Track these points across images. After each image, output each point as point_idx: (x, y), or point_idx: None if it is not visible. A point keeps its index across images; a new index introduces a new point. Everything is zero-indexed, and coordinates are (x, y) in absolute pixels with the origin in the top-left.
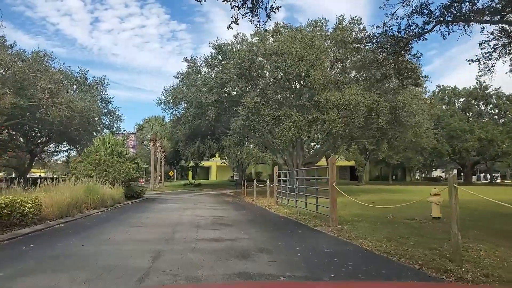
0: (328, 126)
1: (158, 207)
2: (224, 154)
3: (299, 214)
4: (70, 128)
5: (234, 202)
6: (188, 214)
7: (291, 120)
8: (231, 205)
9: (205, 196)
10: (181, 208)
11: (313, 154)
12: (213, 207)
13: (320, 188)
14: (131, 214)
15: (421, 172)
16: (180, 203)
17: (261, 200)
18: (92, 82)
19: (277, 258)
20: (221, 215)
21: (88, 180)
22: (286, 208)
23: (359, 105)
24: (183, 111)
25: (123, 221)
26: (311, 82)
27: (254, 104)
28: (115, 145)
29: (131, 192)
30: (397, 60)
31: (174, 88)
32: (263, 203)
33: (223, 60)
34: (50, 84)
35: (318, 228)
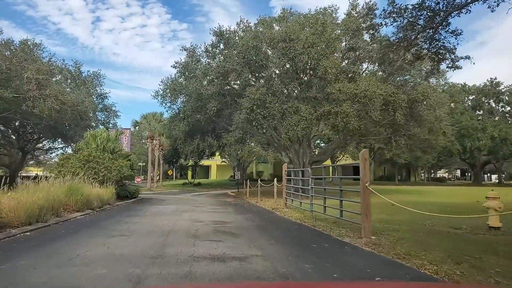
0: (341, 120)
1: (152, 209)
2: (224, 153)
3: (315, 220)
4: (61, 123)
5: (236, 203)
6: (185, 218)
7: (300, 114)
8: (233, 207)
9: (205, 197)
10: (177, 210)
11: (320, 152)
12: (213, 209)
13: (329, 188)
14: (119, 218)
15: (425, 172)
16: (177, 205)
17: (266, 201)
18: (87, 76)
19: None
20: (224, 219)
21: (73, 179)
22: (298, 211)
23: (376, 96)
24: (182, 105)
25: (106, 228)
26: (323, 71)
27: (259, 96)
28: (107, 141)
29: (124, 192)
30: (433, 37)
31: (172, 80)
32: (269, 205)
33: (225, 49)
34: (37, 74)
35: (346, 240)
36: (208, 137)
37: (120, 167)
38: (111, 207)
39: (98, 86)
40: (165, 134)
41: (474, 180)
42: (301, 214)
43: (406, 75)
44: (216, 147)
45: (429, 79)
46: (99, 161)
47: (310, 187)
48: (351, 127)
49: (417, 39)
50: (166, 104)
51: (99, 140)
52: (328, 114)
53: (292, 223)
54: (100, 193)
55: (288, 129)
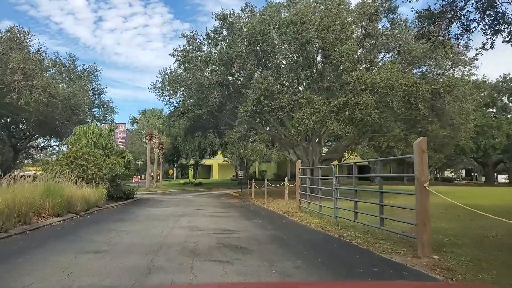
0: (359, 113)
1: (146, 212)
2: (227, 151)
3: (340, 228)
4: (51, 118)
5: (241, 205)
6: (183, 224)
7: (313, 105)
8: (238, 210)
9: (206, 197)
10: (175, 214)
11: (331, 149)
12: (216, 213)
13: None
14: (104, 224)
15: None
16: (176, 207)
17: (275, 203)
18: (83, 71)
19: None
20: (229, 227)
21: (56, 177)
22: (315, 216)
23: (398, 86)
24: (182, 98)
25: (82, 240)
26: (338, 57)
27: (267, 86)
28: (99, 136)
29: (118, 192)
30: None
31: (170, 71)
32: (279, 208)
33: (229, 35)
34: (23, 64)
35: (397, 259)
36: (210, 134)
37: (112, 165)
38: (100, 210)
39: (94, 81)
40: (165, 132)
41: (485, 180)
42: (320, 220)
43: (428, 64)
44: (218, 145)
45: (455, 68)
46: (89, 158)
47: (335, 188)
48: (371, 120)
49: (463, 9)
50: (165, 97)
51: (89, 135)
52: (345, 105)
53: (314, 233)
54: (87, 194)
55: (299, 123)
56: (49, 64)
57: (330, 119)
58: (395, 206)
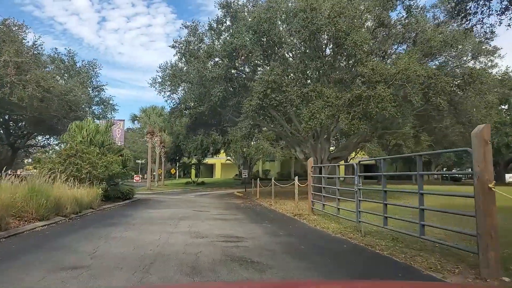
0: (375, 106)
1: (144, 215)
2: (230, 150)
3: (364, 235)
4: (47, 114)
5: (246, 206)
6: (183, 229)
7: (324, 99)
8: (244, 212)
9: (209, 197)
10: (175, 217)
11: (341, 147)
12: (220, 216)
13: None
14: (93, 230)
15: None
16: (177, 208)
17: (282, 204)
18: (82, 67)
19: None
20: (236, 233)
21: (45, 176)
22: (331, 219)
23: (417, 77)
24: (183, 93)
25: (61, 251)
26: (352, 46)
27: (274, 78)
28: (95, 133)
29: (115, 192)
30: None
31: (171, 66)
32: (288, 210)
33: (233, 24)
34: (16, 57)
35: (456, 280)
36: (213, 132)
37: (108, 163)
38: (93, 212)
39: (94, 78)
40: (167, 130)
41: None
42: (338, 225)
43: (446, 55)
44: (221, 144)
45: (477, 58)
46: (83, 156)
47: (357, 188)
48: (387, 114)
49: None
50: (165, 93)
51: (85, 132)
52: (358, 99)
53: (335, 241)
54: (79, 194)
55: (308, 118)
56: (47, 60)
57: (343, 113)
58: (442, 211)
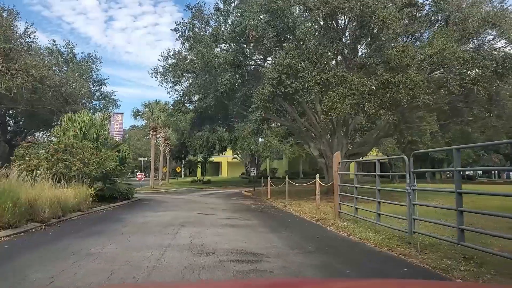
0: (405, 94)
1: (139, 219)
2: (237, 147)
3: (421, 250)
4: (41, 107)
5: (258, 208)
6: (183, 242)
7: (348, 85)
8: (257, 216)
9: (216, 197)
10: (176, 222)
11: (360, 142)
12: (229, 221)
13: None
14: (67, 242)
15: None
16: (179, 210)
17: (298, 205)
18: (82, 59)
19: None
20: (252, 247)
21: (17, 174)
22: (367, 227)
23: (455, 60)
24: (187, 84)
25: (4, 279)
26: (379, 25)
27: (290, 62)
28: (90, 126)
29: (112, 191)
30: None
31: (174, 53)
32: (307, 213)
33: (242, 4)
34: (4, 43)
35: None
36: (219, 128)
37: (102, 160)
38: (80, 216)
39: (95, 71)
40: (172, 127)
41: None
42: (377, 234)
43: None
44: (227, 141)
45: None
46: (74, 152)
47: (411, 188)
48: (420, 102)
49: None
50: (168, 83)
51: (78, 125)
52: (386, 85)
53: (387, 260)
54: (63, 195)
55: (329, 107)
56: (44, 52)
57: (369, 101)
58: None
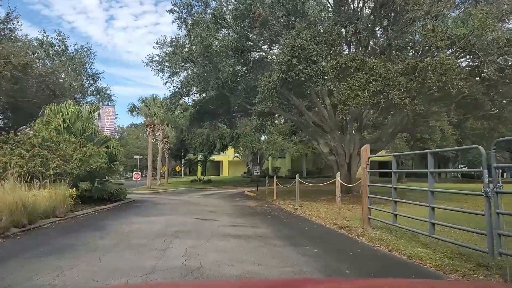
0: (436, 80)
1: (122, 228)
2: (238, 145)
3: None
4: (23, 99)
5: (265, 211)
6: (173, 264)
7: (369, 71)
8: (267, 221)
9: (217, 198)
10: (166, 232)
11: (374, 138)
12: (234, 229)
13: None
14: (11, 265)
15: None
16: (174, 215)
17: (310, 208)
18: (74, 52)
19: None
20: (268, 272)
21: None
22: (411, 241)
23: (494, 42)
24: (186, 75)
25: None
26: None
27: (302, 43)
28: (75, 119)
29: (99, 192)
30: None
31: (170, 41)
32: (324, 218)
33: None
34: None
35: None
36: (220, 124)
37: (86, 156)
38: (54, 224)
39: (89, 64)
40: (170, 124)
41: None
42: (430, 251)
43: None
44: (229, 138)
45: None
46: (53, 147)
47: (493, 191)
48: (453, 89)
49: None
50: (164, 74)
51: (61, 117)
52: (413, 70)
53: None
54: (32, 198)
55: (347, 96)
56: (34, 43)
57: (393, 89)
58: None
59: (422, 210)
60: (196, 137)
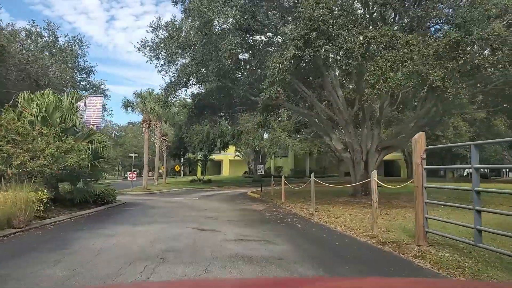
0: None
1: (94, 245)
2: (240, 143)
3: None
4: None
5: (276, 217)
6: None
7: (404, 48)
8: (281, 234)
9: (218, 200)
10: (151, 252)
11: (395, 133)
12: (242, 248)
13: None
14: None
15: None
16: (166, 223)
17: (328, 212)
18: (66, 43)
19: None
20: None
21: None
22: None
23: None
24: (184, 61)
25: None
26: None
27: (323, 13)
28: (54, 109)
29: (82, 194)
30: None
31: (166, 24)
32: (352, 227)
33: None
34: None
35: None
36: (220, 120)
37: (61, 151)
38: (7, 237)
39: (81, 57)
40: (169, 121)
41: None
42: None
43: None
44: (230, 136)
45: None
46: (19, 141)
47: None
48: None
49: None
50: (159, 61)
51: (36, 107)
52: (456, 46)
53: None
54: None
55: (377, 78)
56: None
57: (434, 68)
58: None
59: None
60: (196, 135)
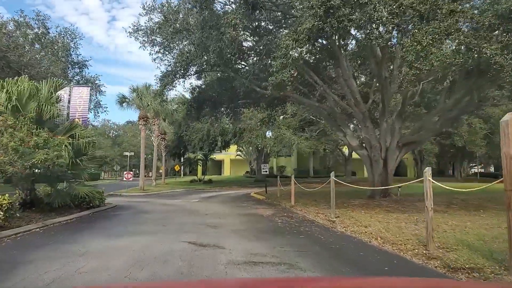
0: None
1: (47, 273)
2: (242, 142)
3: None
4: None
5: (290, 225)
6: None
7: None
8: (303, 250)
9: (219, 202)
10: (129, 279)
11: (418, 127)
12: (256, 271)
13: None
14: None
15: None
16: (156, 234)
17: (352, 219)
18: (57, 35)
19: None
20: None
21: None
22: None
23: None
24: (180, 48)
25: None
26: None
27: None
28: (28, 98)
29: (62, 198)
30: None
31: (161, 5)
32: (394, 241)
33: None
34: None
35: None
36: (222, 116)
37: (28, 145)
38: None
39: (74, 50)
40: (168, 119)
41: None
42: None
43: None
44: (231, 134)
45: None
46: None
47: None
48: None
49: None
50: (153, 47)
51: (5, 94)
52: None
53: None
54: None
55: (416, 54)
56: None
57: (488, 41)
58: None
59: None
60: (195, 133)
